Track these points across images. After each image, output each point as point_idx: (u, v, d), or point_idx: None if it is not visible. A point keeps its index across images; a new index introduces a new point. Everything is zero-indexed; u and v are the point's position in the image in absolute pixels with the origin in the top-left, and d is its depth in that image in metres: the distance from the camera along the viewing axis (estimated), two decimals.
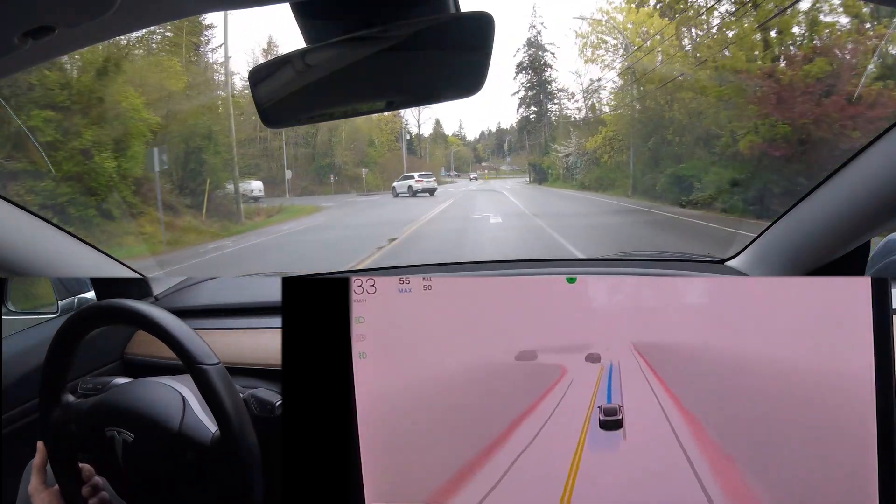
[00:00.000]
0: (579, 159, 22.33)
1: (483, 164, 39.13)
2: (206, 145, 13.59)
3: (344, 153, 26.00)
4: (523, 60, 30.39)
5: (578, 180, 21.72)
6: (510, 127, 38.39)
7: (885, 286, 0.68)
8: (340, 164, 25.84)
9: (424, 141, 35.93)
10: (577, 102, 25.20)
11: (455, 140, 39.33)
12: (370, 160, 27.13)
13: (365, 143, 27.14)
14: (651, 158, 15.82)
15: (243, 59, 26.35)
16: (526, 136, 32.08)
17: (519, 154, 36.05)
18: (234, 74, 19.13)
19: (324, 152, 25.58)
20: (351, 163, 26.10)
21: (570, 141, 23.64)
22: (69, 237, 1.09)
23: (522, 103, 31.28)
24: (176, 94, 13.78)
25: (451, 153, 37.91)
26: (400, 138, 31.64)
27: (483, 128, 48.37)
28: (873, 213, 0.96)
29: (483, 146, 40.56)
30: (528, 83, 30.41)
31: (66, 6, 0.52)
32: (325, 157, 25.62)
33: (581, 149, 22.04)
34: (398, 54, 0.66)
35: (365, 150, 27.17)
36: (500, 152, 39.36)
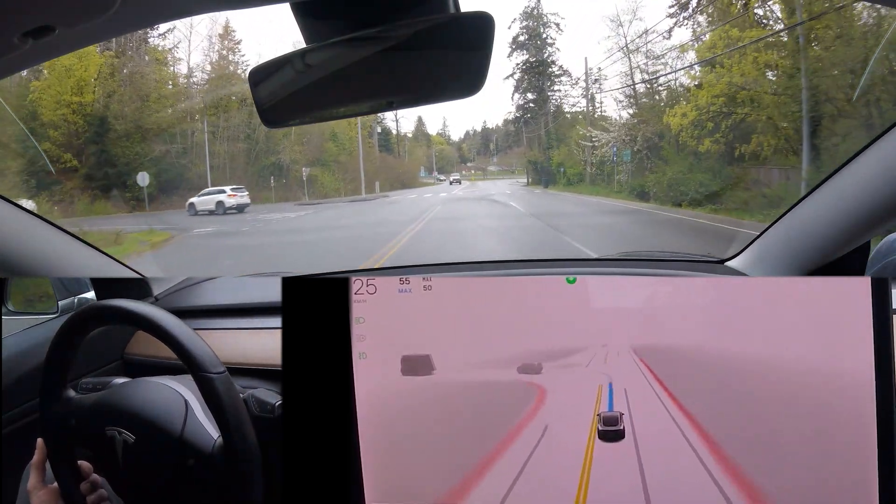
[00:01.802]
0: (631, 149, 15.92)
1: (468, 164, 37.03)
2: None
3: (293, 149, 20.72)
4: (519, 35, 24.93)
5: (629, 184, 15.44)
6: (496, 126, 36.26)
7: (885, 286, 0.68)
8: (288, 164, 20.56)
9: (402, 138, 32.26)
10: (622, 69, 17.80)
11: (439, 139, 36.68)
12: (329, 158, 21.62)
13: (323, 138, 21.63)
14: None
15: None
16: (523, 128, 26.75)
17: (506, 154, 33.72)
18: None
19: (267, 148, 20.46)
20: (304, 161, 20.92)
21: (608, 124, 17.67)
22: (69, 237, 1.09)
23: (518, 88, 25.84)
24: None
25: (433, 152, 34.78)
26: (373, 133, 26.93)
27: (468, 127, 45.80)
28: (873, 213, 0.96)
29: (468, 146, 38.41)
30: (526, 64, 25.07)
31: (66, 6, 0.52)
32: (271, 154, 20.50)
33: (639, 134, 15.43)
34: (398, 54, 0.66)
35: (322, 146, 21.62)
36: (487, 151, 37.22)
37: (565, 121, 23.01)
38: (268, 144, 20.33)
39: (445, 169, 34.38)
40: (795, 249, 1.13)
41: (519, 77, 25.57)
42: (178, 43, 21.39)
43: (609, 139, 17.43)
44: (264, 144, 20.27)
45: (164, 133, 17.97)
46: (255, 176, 19.76)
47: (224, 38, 20.47)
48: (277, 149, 20.46)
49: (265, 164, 20.07)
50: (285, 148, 20.43)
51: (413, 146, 33.50)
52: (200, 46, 28.99)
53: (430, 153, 34.58)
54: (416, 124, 34.76)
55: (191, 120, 19.32)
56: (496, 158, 35.54)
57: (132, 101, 16.86)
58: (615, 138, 17.16)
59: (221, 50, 20.59)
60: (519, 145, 30.11)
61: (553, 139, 23.01)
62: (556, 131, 23.19)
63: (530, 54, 24.92)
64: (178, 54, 22.25)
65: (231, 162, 19.80)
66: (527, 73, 25.21)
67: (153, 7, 0.59)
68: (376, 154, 26.72)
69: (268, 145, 20.35)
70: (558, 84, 24.90)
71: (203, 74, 20.15)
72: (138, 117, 17.02)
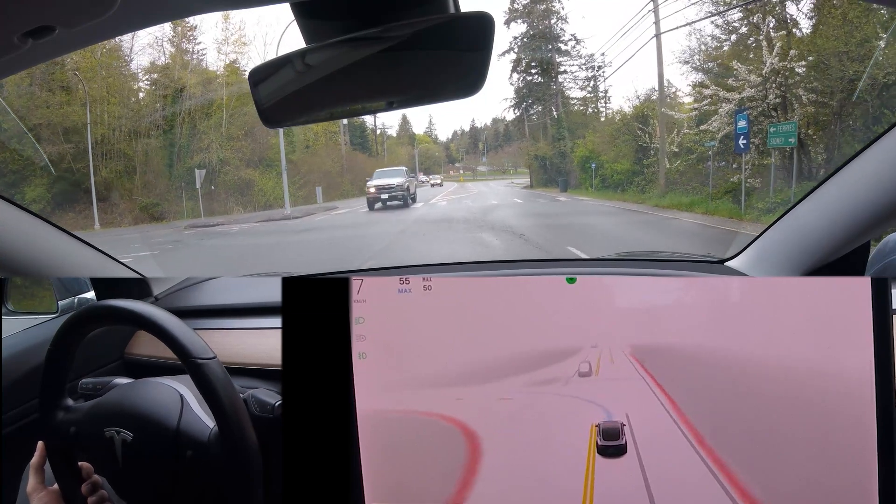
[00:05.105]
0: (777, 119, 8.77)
1: (457, 164, 35.18)
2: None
3: (226, 147, 15.78)
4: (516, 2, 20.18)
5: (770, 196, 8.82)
6: (484, 125, 34.31)
7: (885, 286, 0.68)
8: (217, 165, 15.53)
9: (382, 135, 28.52)
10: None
11: (426, 138, 33.89)
12: (275, 157, 15.82)
13: (269, 132, 15.65)
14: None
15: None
16: (525, 116, 21.56)
17: (497, 153, 31.73)
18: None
19: (189, 146, 15.61)
20: (239, 161, 15.97)
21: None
22: (69, 237, 1.09)
23: (516, 68, 20.83)
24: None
25: (416, 151, 31.18)
26: (345, 129, 22.42)
27: (455, 127, 44.18)
28: (873, 213, 0.96)
29: (456, 146, 36.25)
30: (526, 36, 20.18)
31: (66, 6, 0.52)
32: (198, 152, 15.56)
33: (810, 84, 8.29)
34: (398, 54, 0.67)
35: (267, 142, 16.31)
36: (476, 151, 35.25)
37: (589, 102, 17.63)
38: (190, 140, 15.57)
39: (432, 169, 31.56)
40: (795, 249, 1.13)
41: (515, 58, 20.73)
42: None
43: (731, 103, 9.54)
44: (186, 140, 15.45)
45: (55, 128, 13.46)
46: (178, 180, 15.30)
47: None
48: (207, 147, 15.51)
49: (189, 166, 15.27)
50: (213, 144, 15.27)
51: (395, 144, 30.20)
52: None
53: (414, 152, 30.90)
54: (401, 122, 31.83)
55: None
56: (486, 158, 33.91)
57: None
58: (740, 101, 9.28)
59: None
60: (510, 143, 27.05)
61: (565, 128, 17.93)
62: (567, 118, 18.37)
63: (531, 26, 20.42)
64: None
65: (145, 161, 15.05)
66: (527, 49, 20.27)
67: (153, 7, 0.59)
68: (342, 153, 21.78)
69: (189, 141, 15.59)
70: (573, 56, 19.60)
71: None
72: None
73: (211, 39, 20.93)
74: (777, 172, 9.46)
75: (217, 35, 19.26)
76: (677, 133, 11.72)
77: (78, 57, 14.16)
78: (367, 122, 27.25)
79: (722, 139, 10.50)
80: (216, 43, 20.33)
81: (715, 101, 10.48)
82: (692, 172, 11.26)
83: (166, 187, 15.33)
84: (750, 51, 10.63)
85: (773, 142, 9.02)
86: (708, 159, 10.90)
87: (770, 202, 8.88)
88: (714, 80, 10.64)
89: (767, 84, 9.63)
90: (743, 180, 9.71)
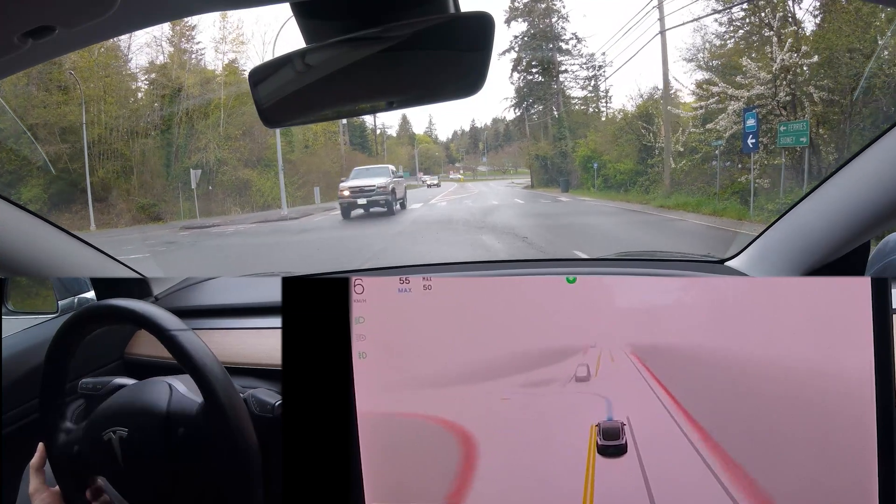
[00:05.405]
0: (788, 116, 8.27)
1: (457, 164, 34.99)
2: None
3: (223, 146, 15.61)
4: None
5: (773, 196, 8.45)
6: (484, 126, 34.37)
7: (885, 286, 0.68)
8: (215, 166, 15.38)
9: (382, 135, 28.10)
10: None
11: (426, 138, 33.79)
12: (274, 156, 15.68)
13: (268, 132, 15.44)
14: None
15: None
16: (525, 116, 21.46)
17: (497, 153, 31.71)
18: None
19: (186, 146, 15.35)
20: (237, 162, 15.75)
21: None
22: (69, 237, 1.09)
23: (516, 68, 20.82)
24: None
25: (416, 151, 31.18)
26: (345, 129, 22.33)
27: (455, 127, 44.03)
28: (873, 213, 0.96)
29: (456, 146, 36.37)
30: (526, 35, 20.10)
31: (66, 6, 0.52)
32: (196, 152, 15.35)
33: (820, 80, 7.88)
34: (398, 54, 0.67)
35: (266, 142, 16.16)
36: (476, 151, 35.23)
37: (588, 101, 17.41)
38: (187, 140, 15.21)
39: (431, 170, 31.19)
40: (795, 249, 1.13)
41: (515, 57, 20.60)
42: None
43: (739, 101, 9.11)
44: (183, 139, 15.10)
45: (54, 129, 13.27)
46: (173, 181, 14.99)
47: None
48: (205, 147, 15.16)
49: (186, 167, 14.90)
50: (210, 143, 14.96)
51: (395, 144, 29.91)
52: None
53: (414, 152, 30.91)
54: (401, 122, 31.70)
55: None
56: (486, 158, 33.83)
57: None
58: (750, 97, 8.92)
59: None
60: (510, 143, 26.95)
61: (566, 127, 17.70)
62: (568, 117, 18.17)
63: (531, 25, 20.25)
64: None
65: (142, 162, 14.86)
66: (527, 48, 20.06)
67: (153, 7, 0.59)
68: (341, 153, 21.56)
69: (186, 140, 15.21)
70: (574, 56, 19.63)
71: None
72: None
73: (209, 38, 21.01)
74: (786, 172, 9.19)
75: (215, 34, 19.34)
76: (682, 132, 11.42)
77: (75, 56, 13.92)
78: (367, 122, 27.14)
79: (728, 138, 10.20)
80: (214, 42, 20.51)
81: (723, 99, 10.22)
82: (697, 172, 10.92)
83: (163, 188, 15.14)
84: (758, 48, 10.26)
85: (783, 141, 8.68)
86: (714, 159, 10.59)
87: (780, 203, 8.53)
88: (722, 78, 10.39)
89: (777, 81, 9.33)
90: (752, 180, 9.37)
